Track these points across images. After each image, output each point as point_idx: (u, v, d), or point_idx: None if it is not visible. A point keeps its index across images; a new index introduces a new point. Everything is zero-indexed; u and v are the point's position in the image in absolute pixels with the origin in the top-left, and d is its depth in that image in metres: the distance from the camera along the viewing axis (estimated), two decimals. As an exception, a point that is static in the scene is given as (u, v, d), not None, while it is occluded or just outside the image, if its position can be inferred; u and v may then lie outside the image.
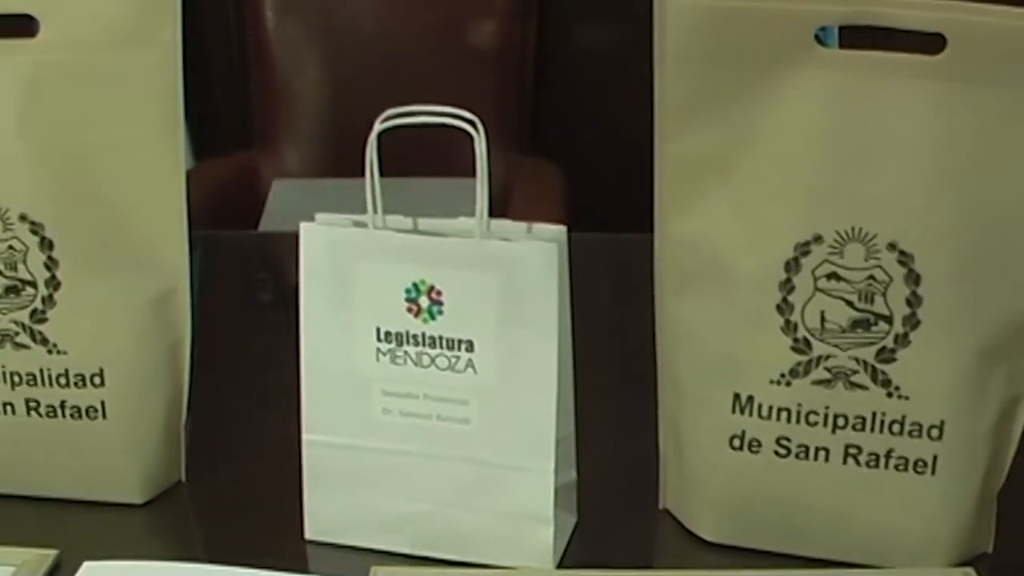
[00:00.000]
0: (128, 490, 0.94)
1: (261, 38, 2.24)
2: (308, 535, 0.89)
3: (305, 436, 0.87)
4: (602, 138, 2.32)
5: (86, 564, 0.86)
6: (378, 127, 0.80)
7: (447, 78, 2.23)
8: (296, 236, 0.85)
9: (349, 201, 0.84)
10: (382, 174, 0.81)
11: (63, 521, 0.93)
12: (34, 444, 0.93)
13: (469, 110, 0.79)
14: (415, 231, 0.83)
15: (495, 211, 0.82)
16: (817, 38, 0.80)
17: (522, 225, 0.83)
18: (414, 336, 0.83)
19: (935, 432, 0.83)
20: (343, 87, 2.29)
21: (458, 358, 0.82)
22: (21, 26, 0.86)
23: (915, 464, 0.84)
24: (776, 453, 0.85)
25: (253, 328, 1.29)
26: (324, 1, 2.30)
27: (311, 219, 0.84)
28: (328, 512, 0.88)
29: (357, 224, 0.84)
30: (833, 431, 0.84)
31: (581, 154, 2.34)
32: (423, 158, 1.71)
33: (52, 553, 0.87)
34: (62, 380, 0.91)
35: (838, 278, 0.82)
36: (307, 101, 2.31)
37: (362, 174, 0.81)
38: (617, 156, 1.92)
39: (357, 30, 2.29)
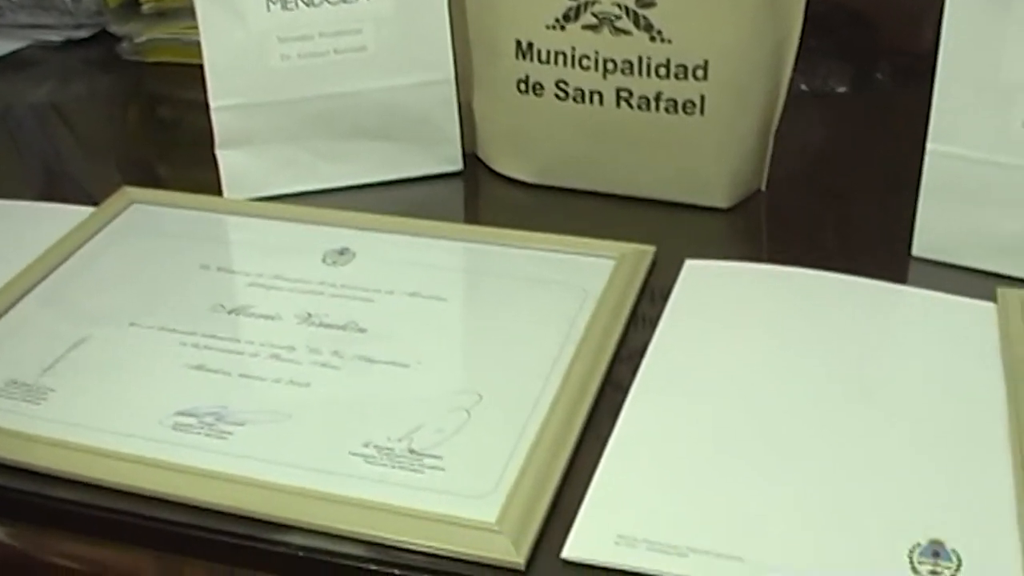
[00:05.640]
0: (715, 193, 0.90)
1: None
2: (916, 251, 0.84)
3: (930, 145, 0.80)
4: None
5: (688, 262, 0.83)
6: None
7: None
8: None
9: None
10: None
11: (650, 220, 0.91)
12: (621, 138, 0.90)
13: None
14: None
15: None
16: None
17: None
18: None
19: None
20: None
21: None
22: None
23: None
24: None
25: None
26: None
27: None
28: (943, 229, 0.82)
29: None
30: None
31: None
32: None
33: (650, 249, 0.85)
34: (662, 71, 0.86)
35: None
36: None
37: None
38: None
39: None
